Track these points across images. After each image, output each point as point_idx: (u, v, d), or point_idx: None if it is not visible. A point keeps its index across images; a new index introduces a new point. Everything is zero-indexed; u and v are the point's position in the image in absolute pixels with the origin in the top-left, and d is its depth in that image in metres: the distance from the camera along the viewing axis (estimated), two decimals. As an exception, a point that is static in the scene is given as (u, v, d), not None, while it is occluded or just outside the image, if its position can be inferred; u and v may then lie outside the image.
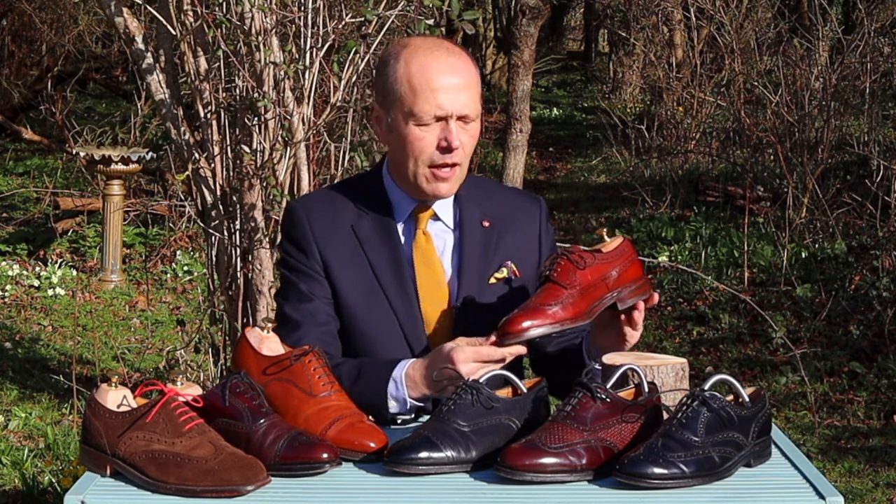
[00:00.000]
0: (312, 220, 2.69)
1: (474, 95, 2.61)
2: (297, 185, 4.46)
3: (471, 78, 2.62)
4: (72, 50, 12.32)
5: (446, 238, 2.70)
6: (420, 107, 2.58)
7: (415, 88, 2.58)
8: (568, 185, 12.18)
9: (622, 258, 2.52)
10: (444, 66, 2.59)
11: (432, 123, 2.59)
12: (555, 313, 2.40)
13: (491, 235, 2.71)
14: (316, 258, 2.66)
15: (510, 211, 2.76)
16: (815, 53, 10.57)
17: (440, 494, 2.10)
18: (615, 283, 2.50)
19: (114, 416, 2.18)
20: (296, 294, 2.67)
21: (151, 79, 4.49)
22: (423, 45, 2.66)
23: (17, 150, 12.51)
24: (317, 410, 2.29)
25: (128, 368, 6.51)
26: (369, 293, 2.65)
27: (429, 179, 2.63)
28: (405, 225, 2.69)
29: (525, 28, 8.07)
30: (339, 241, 2.67)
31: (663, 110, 12.30)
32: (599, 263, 2.48)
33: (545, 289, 2.45)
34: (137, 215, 9.18)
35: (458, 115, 2.59)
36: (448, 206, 2.71)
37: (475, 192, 2.74)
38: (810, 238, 8.70)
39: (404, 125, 2.61)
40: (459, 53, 2.64)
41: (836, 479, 5.28)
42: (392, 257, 2.65)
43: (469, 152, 2.63)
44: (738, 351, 7.02)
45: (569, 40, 23.68)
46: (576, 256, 2.46)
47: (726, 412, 2.18)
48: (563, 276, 2.44)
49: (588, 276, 2.46)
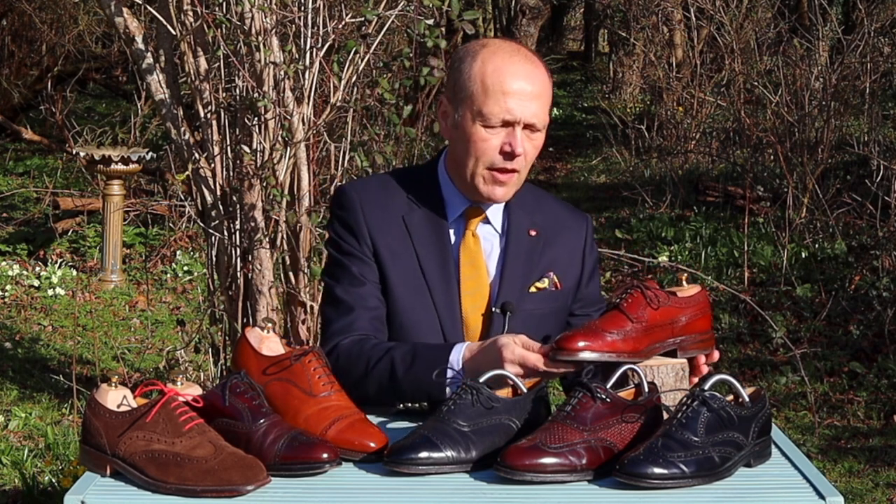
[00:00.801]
0: (365, 204, 2.69)
1: (544, 106, 2.62)
2: (297, 185, 4.46)
3: (544, 88, 2.62)
4: (72, 50, 12.32)
5: (493, 242, 2.71)
6: (490, 108, 2.58)
7: (487, 89, 2.59)
8: (568, 185, 12.18)
9: (695, 307, 2.48)
10: (519, 72, 2.59)
11: (498, 127, 2.59)
12: (613, 342, 2.34)
13: (536, 244, 2.72)
14: (367, 243, 2.67)
15: (557, 223, 2.77)
16: (815, 53, 10.57)
17: (440, 494, 2.10)
18: (681, 329, 2.45)
19: (114, 416, 2.18)
20: (348, 277, 2.67)
21: (151, 79, 4.49)
22: (503, 47, 2.66)
23: (17, 150, 12.51)
24: (317, 410, 2.29)
25: (128, 368, 6.51)
26: (414, 286, 2.66)
27: (486, 181, 2.63)
28: (455, 224, 2.70)
29: (525, 28, 8.07)
30: (390, 230, 2.68)
31: (663, 110, 12.30)
32: (671, 306, 2.43)
33: (610, 315, 2.39)
34: (137, 215, 9.18)
35: (526, 123, 2.59)
36: (498, 211, 2.72)
37: (525, 200, 2.76)
38: (810, 238, 8.70)
39: (471, 124, 2.61)
40: (536, 62, 2.64)
41: (836, 479, 5.28)
42: (440, 253, 2.66)
43: (530, 162, 2.64)
44: (738, 351, 7.02)
45: (569, 40, 23.68)
46: (651, 293, 2.41)
47: (726, 412, 2.18)
48: (632, 308, 2.39)
49: (657, 316, 2.40)
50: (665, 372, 2.41)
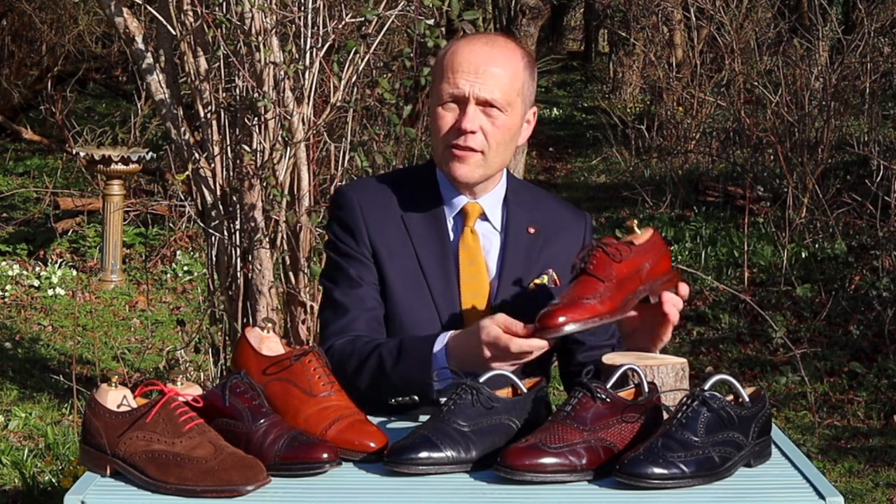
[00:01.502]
0: (363, 204, 2.70)
1: (505, 86, 2.61)
2: (297, 185, 4.46)
3: (505, 69, 2.61)
4: (72, 50, 12.32)
5: (492, 239, 2.72)
6: (441, 86, 2.62)
7: (443, 69, 2.63)
8: (568, 185, 12.18)
9: (654, 250, 2.51)
10: (473, 51, 2.62)
11: (450, 103, 2.61)
12: (593, 306, 2.37)
13: (535, 241, 2.72)
14: (366, 243, 2.68)
15: (557, 221, 2.77)
16: (815, 53, 10.57)
17: (440, 494, 2.10)
18: (647, 275, 2.48)
19: (114, 416, 2.18)
20: (345, 279, 2.68)
21: (151, 79, 4.49)
22: (471, 36, 2.71)
23: (17, 150, 12.51)
24: (317, 410, 2.29)
25: (128, 368, 6.51)
26: (413, 284, 2.66)
27: (447, 160, 2.64)
28: (454, 221, 2.70)
29: (525, 28, 8.07)
30: (389, 229, 2.68)
31: (663, 110, 12.30)
32: (634, 256, 2.46)
33: (581, 281, 2.42)
34: (137, 215, 9.19)
35: (478, 99, 2.59)
36: (496, 208, 2.73)
37: (524, 197, 2.77)
38: (810, 238, 8.70)
39: (433, 106, 2.65)
40: (503, 46, 2.64)
41: (836, 479, 5.28)
42: (439, 251, 2.66)
43: (495, 143, 2.62)
44: (738, 351, 7.02)
45: (569, 40, 23.68)
46: (612, 249, 2.44)
47: (726, 412, 2.18)
48: (599, 269, 2.41)
49: (624, 269, 2.43)
50: (665, 372, 2.41)
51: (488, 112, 2.61)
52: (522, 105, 2.66)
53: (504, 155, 2.67)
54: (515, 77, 2.63)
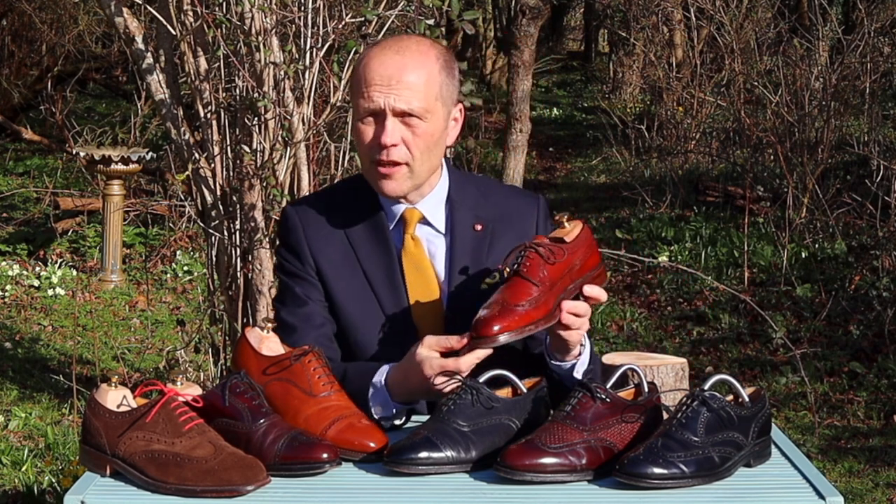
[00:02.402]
0: (306, 224, 2.66)
1: (420, 93, 2.54)
2: (297, 185, 4.46)
3: (419, 76, 2.54)
4: (72, 50, 12.32)
5: (437, 242, 2.66)
6: (357, 101, 2.57)
7: (356, 84, 2.57)
8: (568, 185, 12.18)
9: (584, 246, 2.46)
10: (383, 62, 2.55)
11: (368, 118, 2.56)
12: (527, 313, 2.34)
13: (483, 239, 2.65)
14: (310, 262, 2.64)
15: (505, 211, 2.69)
16: (815, 53, 10.57)
17: (440, 494, 2.10)
18: (578, 272, 2.44)
19: (114, 416, 2.18)
20: (292, 298, 2.65)
21: (151, 79, 4.49)
22: (380, 44, 2.63)
23: (17, 150, 12.51)
24: (317, 410, 2.29)
25: (128, 368, 6.51)
26: (362, 300, 2.62)
27: (375, 176, 2.59)
28: (395, 230, 2.65)
29: (525, 28, 8.06)
30: (332, 247, 2.64)
31: (663, 110, 12.30)
32: (567, 256, 2.42)
33: (514, 284, 2.37)
34: (137, 215, 9.19)
35: (395, 111, 2.54)
36: (438, 210, 2.66)
37: (469, 194, 2.69)
38: (810, 238, 8.70)
39: (353, 122, 2.61)
40: (413, 52, 2.57)
41: (836, 479, 5.28)
42: (383, 262, 2.62)
43: (419, 152, 2.56)
44: (738, 351, 7.02)
45: (569, 40, 23.68)
46: (545, 250, 2.39)
47: (726, 412, 2.18)
48: (532, 272, 2.37)
49: (556, 271, 2.39)
50: (665, 372, 2.41)
51: (408, 122, 2.55)
52: (444, 107, 2.59)
53: (432, 161, 2.60)
54: (431, 82, 2.56)
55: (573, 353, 2.53)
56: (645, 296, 8.16)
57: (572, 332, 2.46)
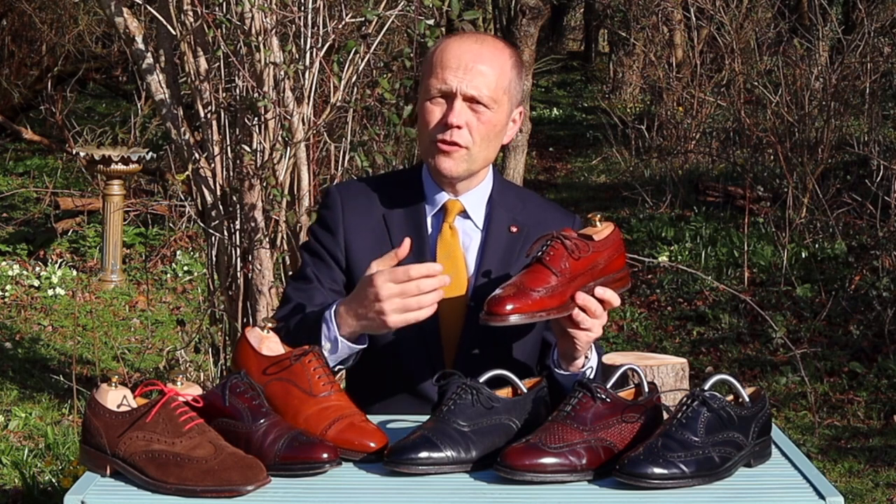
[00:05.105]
0: (346, 203, 2.73)
1: (492, 83, 2.63)
2: (297, 185, 4.46)
3: (493, 66, 2.64)
4: (72, 50, 12.32)
5: (473, 236, 2.73)
6: (429, 81, 2.65)
7: (431, 66, 2.66)
8: (568, 185, 12.18)
9: (611, 248, 2.48)
10: (462, 48, 2.65)
11: (438, 98, 2.64)
12: (541, 300, 2.35)
13: (517, 241, 2.72)
14: (341, 241, 2.71)
15: (542, 220, 2.76)
16: (815, 53, 10.58)
17: (440, 494, 2.10)
18: (600, 272, 2.45)
19: (114, 416, 2.18)
20: (302, 277, 2.72)
21: (151, 79, 4.49)
22: (462, 33, 2.74)
23: (17, 150, 12.51)
24: (317, 410, 2.29)
25: (128, 368, 6.51)
26: None
27: (433, 153, 2.66)
28: (434, 217, 2.72)
29: (525, 28, 8.06)
30: (368, 229, 2.70)
31: (663, 110, 12.30)
32: (592, 253, 2.44)
33: (534, 270, 2.39)
34: (137, 215, 9.19)
35: (465, 96, 2.62)
36: (480, 207, 2.74)
37: (510, 198, 2.78)
38: (810, 238, 8.70)
39: (421, 102, 2.67)
40: (491, 44, 2.68)
41: (836, 479, 5.28)
42: (416, 247, 2.65)
43: (480, 139, 2.65)
44: (738, 351, 7.02)
45: (569, 40, 23.69)
46: (571, 244, 2.41)
47: (726, 412, 2.18)
48: (554, 262, 2.39)
49: (579, 266, 2.41)
50: (665, 372, 2.41)
51: (475, 108, 2.63)
52: (509, 103, 2.68)
53: (488, 151, 2.70)
54: (503, 75, 2.66)
55: (577, 364, 2.55)
56: (645, 296, 8.17)
57: (580, 333, 2.48)
